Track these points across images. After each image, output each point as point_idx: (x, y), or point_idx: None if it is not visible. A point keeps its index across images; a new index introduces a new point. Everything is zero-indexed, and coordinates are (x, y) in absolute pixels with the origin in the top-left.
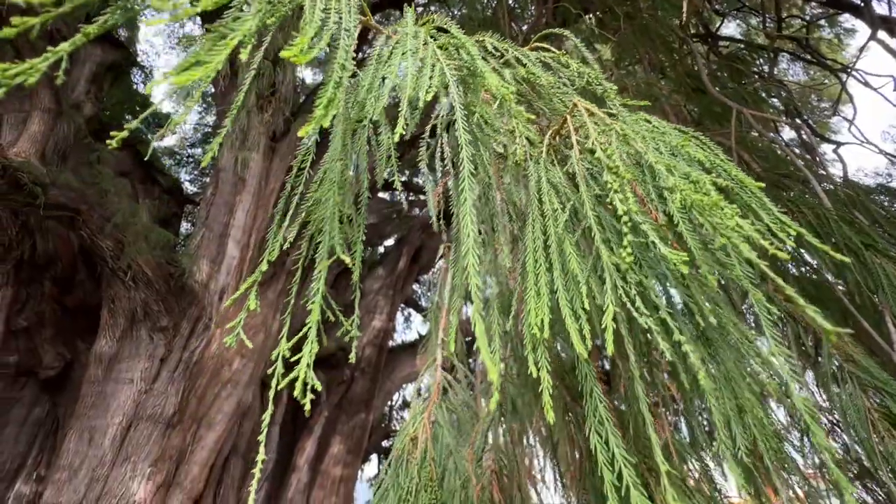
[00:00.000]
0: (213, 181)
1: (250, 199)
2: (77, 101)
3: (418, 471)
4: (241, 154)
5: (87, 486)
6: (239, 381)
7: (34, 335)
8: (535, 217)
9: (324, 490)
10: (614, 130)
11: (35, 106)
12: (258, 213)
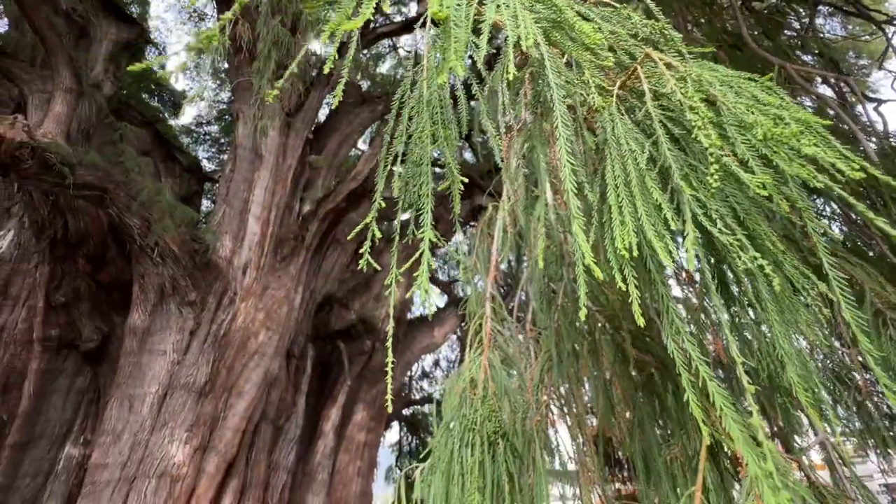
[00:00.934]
0: (232, 158)
1: (268, 175)
2: (96, 81)
3: (481, 404)
4: (258, 127)
5: (131, 449)
6: (265, 353)
7: (72, 310)
8: (613, 158)
9: (349, 454)
10: (689, 76)
11: (57, 86)
12: (276, 189)
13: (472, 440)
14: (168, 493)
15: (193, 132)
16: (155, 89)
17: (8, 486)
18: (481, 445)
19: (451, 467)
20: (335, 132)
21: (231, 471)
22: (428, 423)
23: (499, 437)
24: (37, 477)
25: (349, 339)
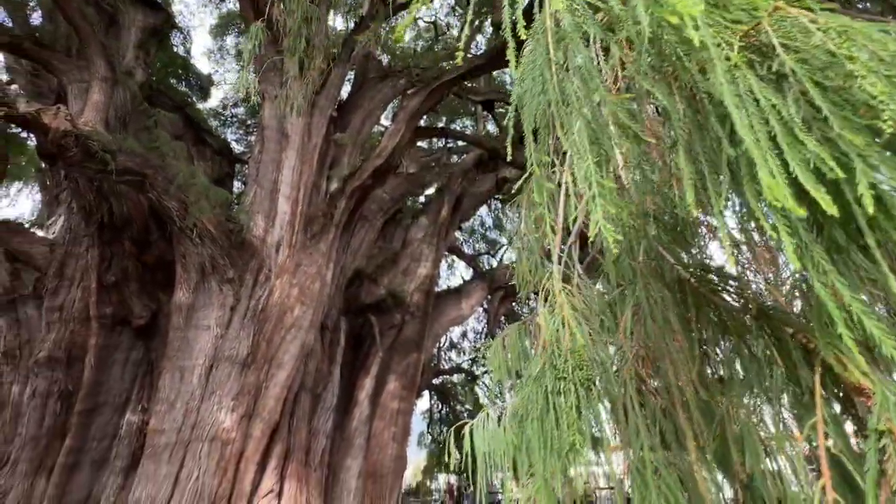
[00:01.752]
0: (259, 139)
1: (295, 154)
2: (128, 68)
3: (571, 354)
4: (291, 107)
5: (184, 416)
6: (301, 326)
7: (123, 289)
8: (751, 112)
9: (383, 421)
10: (832, 28)
11: (93, 75)
12: (304, 169)
13: (565, 388)
14: (220, 455)
15: (221, 115)
16: (182, 74)
17: (80, 448)
18: (575, 392)
19: (547, 412)
20: (358, 109)
21: (275, 436)
22: (457, 392)
23: (591, 384)
24: (104, 440)
25: (379, 313)
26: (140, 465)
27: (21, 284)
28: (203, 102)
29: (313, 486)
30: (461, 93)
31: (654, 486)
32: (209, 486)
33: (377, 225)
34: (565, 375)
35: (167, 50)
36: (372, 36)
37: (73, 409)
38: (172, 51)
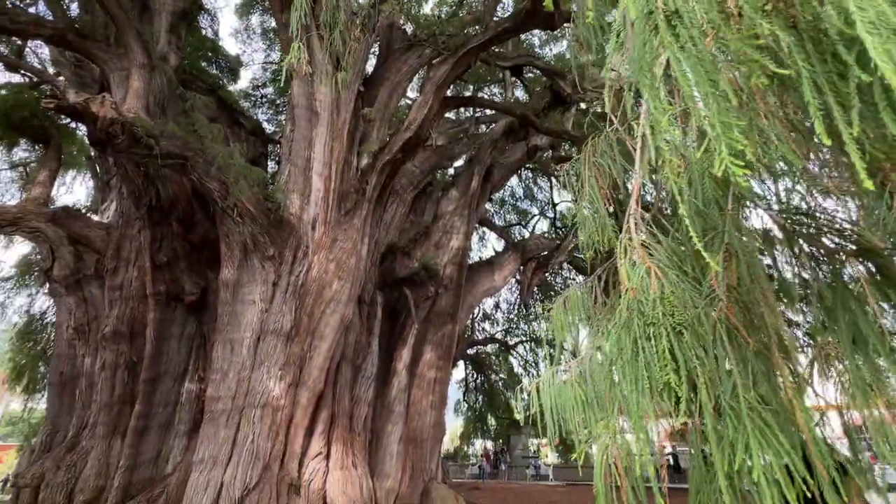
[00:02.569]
0: (290, 117)
1: (325, 131)
2: (163, 53)
3: (660, 301)
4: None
5: (237, 385)
6: (340, 300)
7: (174, 268)
8: (886, 37)
9: (421, 389)
10: None
11: (132, 62)
12: (334, 145)
13: (656, 332)
14: (271, 420)
15: (251, 95)
16: (212, 56)
17: (147, 413)
18: (667, 335)
19: (636, 356)
20: (385, 81)
21: (320, 403)
22: (491, 362)
23: (682, 328)
24: (167, 406)
25: (413, 286)
26: (201, 428)
27: (84, 265)
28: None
29: (358, 449)
30: (489, 59)
31: (750, 420)
32: (263, 447)
33: (408, 199)
34: (655, 321)
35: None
36: (396, 4)
37: (139, 378)
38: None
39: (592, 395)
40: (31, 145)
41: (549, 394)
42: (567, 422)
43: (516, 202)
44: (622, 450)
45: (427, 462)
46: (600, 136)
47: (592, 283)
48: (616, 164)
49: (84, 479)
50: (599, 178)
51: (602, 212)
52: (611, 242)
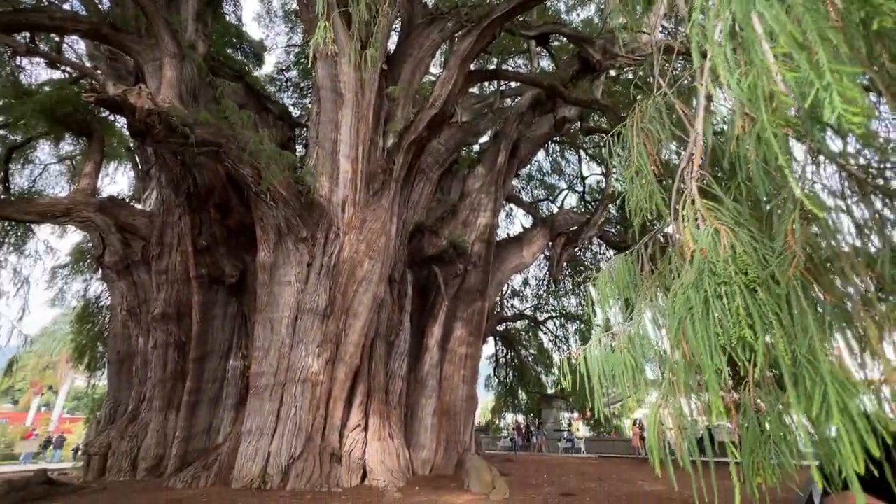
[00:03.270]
0: (316, 100)
1: (351, 112)
2: (191, 42)
3: (733, 260)
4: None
5: (278, 361)
6: (371, 279)
7: (214, 252)
8: None
9: (453, 365)
10: None
11: (163, 52)
12: (360, 126)
13: (729, 291)
14: (312, 394)
15: (276, 80)
16: (236, 42)
17: (198, 388)
18: (741, 293)
19: (707, 315)
20: (407, 58)
21: (357, 378)
22: (521, 338)
23: (756, 286)
24: (215, 382)
25: (442, 264)
26: (247, 402)
27: (132, 252)
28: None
29: (394, 421)
30: (513, 28)
31: (830, 374)
32: (305, 420)
33: (434, 177)
34: (727, 280)
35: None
36: None
37: (188, 356)
38: (225, 19)
39: (642, 360)
40: (76, 139)
41: (598, 361)
42: (618, 386)
43: (543, 177)
44: (675, 410)
45: (461, 434)
46: (648, 101)
47: (639, 252)
48: (665, 130)
49: (145, 447)
50: (648, 145)
51: (651, 178)
52: (660, 209)
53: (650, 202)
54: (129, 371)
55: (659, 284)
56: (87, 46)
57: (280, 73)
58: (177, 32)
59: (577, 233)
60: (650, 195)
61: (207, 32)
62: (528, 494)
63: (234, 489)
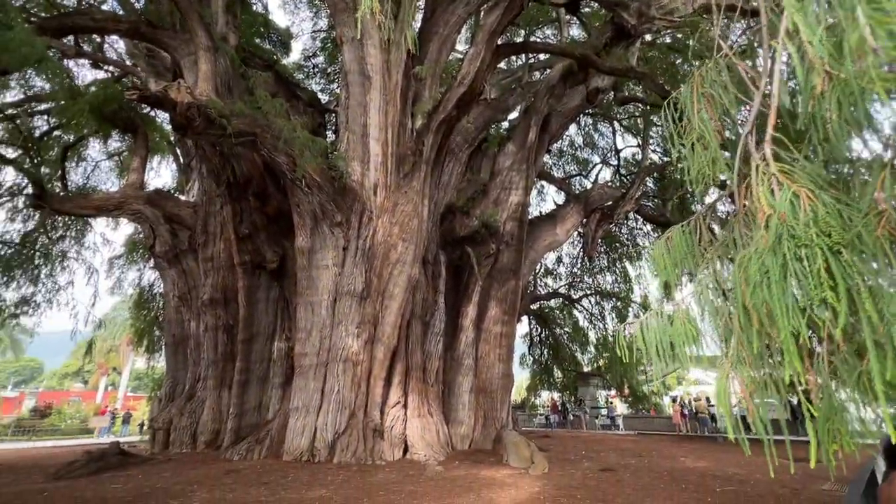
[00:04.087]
0: (344, 84)
1: (378, 95)
2: (223, 34)
3: (814, 223)
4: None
5: (320, 342)
6: (405, 261)
7: (255, 239)
8: None
9: (488, 344)
10: None
11: (198, 46)
12: (388, 109)
13: (810, 253)
14: (353, 373)
15: (303, 67)
16: (264, 31)
17: (247, 368)
18: (822, 255)
19: (785, 277)
20: (433, 37)
21: (395, 357)
22: (555, 316)
23: (840, 247)
24: (262, 362)
25: (475, 244)
26: (293, 381)
27: (180, 241)
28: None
29: (432, 398)
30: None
31: None
32: (348, 397)
33: (463, 157)
34: (807, 243)
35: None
36: None
37: (236, 338)
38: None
39: (703, 329)
40: (122, 135)
41: (655, 332)
42: (677, 357)
43: (576, 151)
44: (745, 376)
45: (497, 411)
46: (707, 65)
47: (696, 222)
48: (729, 94)
49: (203, 423)
50: (709, 109)
51: (715, 144)
52: (723, 174)
53: (713, 169)
54: (184, 353)
55: (721, 254)
56: (127, 45)
57: (307, 59)
58: (209, 26)
59: (612, 208)
60: (713, 162)
61: (237, 24)
62: (566, 469)
63: (285, 461)
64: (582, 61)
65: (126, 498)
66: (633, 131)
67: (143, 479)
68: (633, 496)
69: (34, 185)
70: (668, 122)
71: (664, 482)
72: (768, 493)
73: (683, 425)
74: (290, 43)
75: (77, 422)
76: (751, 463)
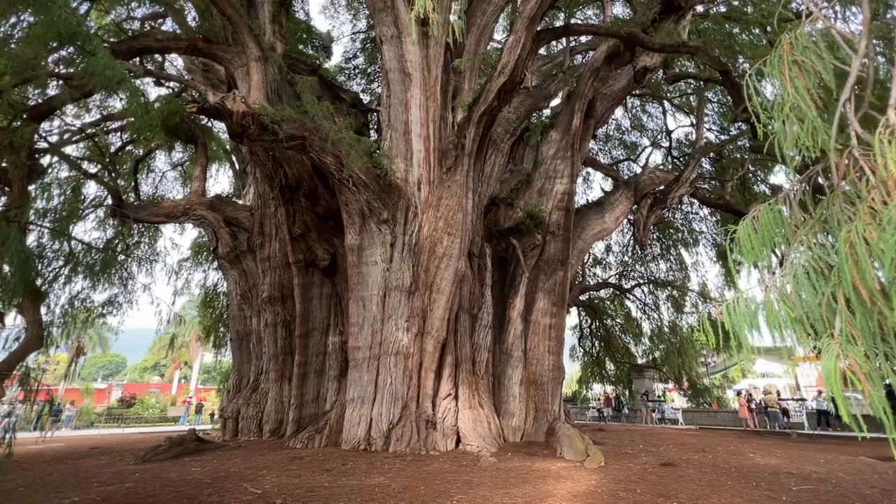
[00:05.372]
0: (384, 82)
1: (419, 92)
2: (270, 44)
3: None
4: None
5: (371, 336)
6: (451, 255)
7: (307, 238)
8: None
9: (537, 336)
10: None
11: (249, 57)
12: (428, 104)
13: None
14: (404, 365)
15: (344, 69)
16: (306, 37)
17: (305, 362)
18: None
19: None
20: (471, 28)
21: (445, 350)
22: (605, 307)
23: None
24: (319, 356)
25: (520, 235)
26: (348, 373)
27: (240, 243)
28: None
29: (482, 390)
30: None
31: None
32: (400, 389)
33: (505, 148)
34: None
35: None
36: None
37: (294, 333)
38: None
39: (801, 310)
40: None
41: (745, 316)
42: (777, 339)
43: (623, 135)
44: (857, 356)
45: (549, 404)
46: (796, 31)
47: (787, 196)
48: (824, 61)
49: (267, 413)
50: (802, 78)
51: (813, 114)
52: (824, 145)
53: (812, 140)
54: (247, 347)
55: (819, 230)
56: (185, 62)
57: (347, 61)
58: (258, 37)
59: (664, 192)
60: (812, 132)
61: (283, 33)
62: (624, 463)
63: (343, 450)
64: (629, 40)
65: (205, 480)
66: (686, 110)
67: (218, 463)
68: (697, 492)
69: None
70: (752, 94)
71: (732, 478)
72: (853, 492)
73: (751, 420)
74: (332, 46)
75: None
76: (832, 460)
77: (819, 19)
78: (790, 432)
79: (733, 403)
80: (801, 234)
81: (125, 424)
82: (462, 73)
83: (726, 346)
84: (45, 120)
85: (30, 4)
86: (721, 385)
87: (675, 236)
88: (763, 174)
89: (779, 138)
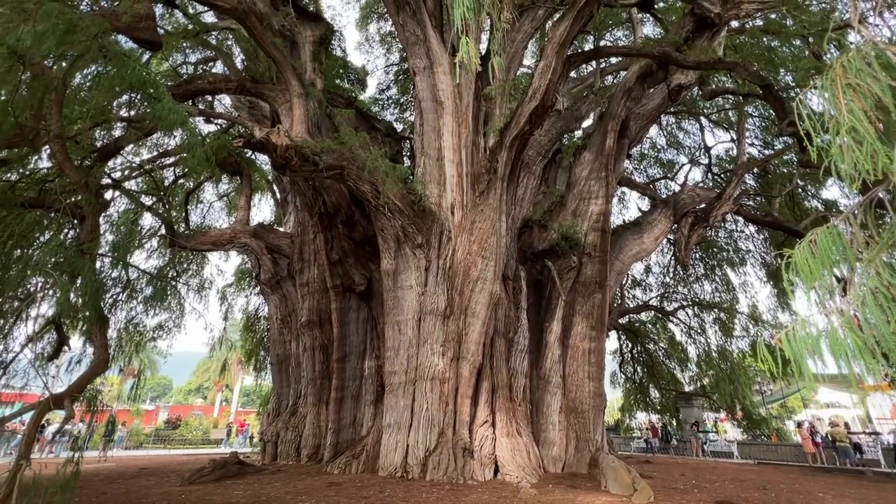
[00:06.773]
0: (418, 111)
1: (451, 119)
2: (311, 80)
3: None
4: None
5: (407, 360)
6: (486, 278)
7: (344, 264)
8: None
9: (576, 361)
10: None
11: (292, 94)
12: (461, 131)
13: None
14: (440, 390)
15: (378, 100)
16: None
17: (342, 386)
18: None
19: None
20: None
21: (481, 375)
22: (647, 331)
23: None
24: (355, 380)
25: (555, 257)
26: (384, 398)
27: (280, 269)
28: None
29: (520, 417)
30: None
31: None
32: (436, 415)
33: (537, 171)
34: None
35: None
36: None
37: (331, 358)
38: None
39: (871, 337)
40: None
41: (806, 342)
42: (843, 367)
43: (658, 153)
44: None
45: (591, 433)
46: (849, 53)
47: (848, 217)
48: (880, 83)
49: (305, 437)
50: (857, 100)
51: (872, 137)
52: (885, 168)
53: (872, 163)
54: (286, 371)
55: (887, 251)
56: (232, 100)
57: (381, 92)
58: (301, 75)
59: (706, 211)
60: (871, 155)
61: (322, 69)
62: (675, 499)
63: (380, 476)
64: (662, 59)
65: None
66: (725, 125)
67: (259, 487)
68: None
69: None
70: (803, 119)
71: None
72: None
73: (818, 454)
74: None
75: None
76: None
77: (871, 40)
78: (864, 470)
79: (795, 436)
80: (869, 256)
81: (171, 446)
82: (493, 99)
83: (784, 374)
84: (111, 159)
85: (107, 58)
86: (779, 415)
87: (719, 255)
88: (814, 189)
89: (835, 160)
